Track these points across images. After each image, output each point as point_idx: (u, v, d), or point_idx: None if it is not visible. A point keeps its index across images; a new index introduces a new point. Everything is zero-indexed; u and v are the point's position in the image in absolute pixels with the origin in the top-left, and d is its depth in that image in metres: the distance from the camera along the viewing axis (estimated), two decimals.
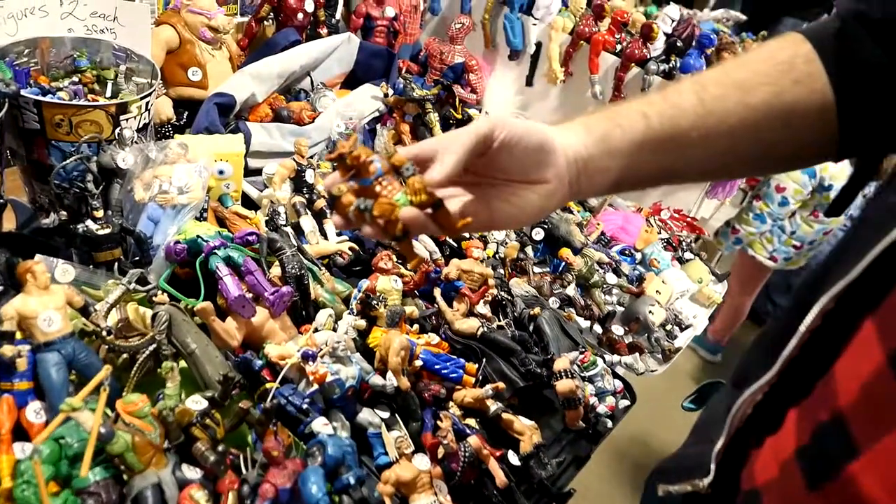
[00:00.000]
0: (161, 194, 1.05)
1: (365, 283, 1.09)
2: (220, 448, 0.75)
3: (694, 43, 1.74)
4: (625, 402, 1.19)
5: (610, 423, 1.15)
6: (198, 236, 1.01)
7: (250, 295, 0.97)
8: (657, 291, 1.45)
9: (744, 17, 3.29)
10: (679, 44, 1.74)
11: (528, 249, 1.42)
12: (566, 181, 0.67)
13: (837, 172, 2.24)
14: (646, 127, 0.69)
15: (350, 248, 1.17)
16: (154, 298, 0.92)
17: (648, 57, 1.75)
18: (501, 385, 1.01)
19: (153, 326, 0.88)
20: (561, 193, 0.69)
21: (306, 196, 1.23)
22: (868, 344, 0.47)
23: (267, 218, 1.18)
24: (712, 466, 0.64)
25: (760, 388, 0.58)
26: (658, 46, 1.78)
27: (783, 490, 0.51)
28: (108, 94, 1.21)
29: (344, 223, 0.58)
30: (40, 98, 1.02)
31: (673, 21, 1.83)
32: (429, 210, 0.57)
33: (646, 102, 0.71)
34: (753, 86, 0.69)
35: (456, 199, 0.64)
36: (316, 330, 0.99)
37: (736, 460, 0.62)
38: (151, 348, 0.87)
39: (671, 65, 1.74)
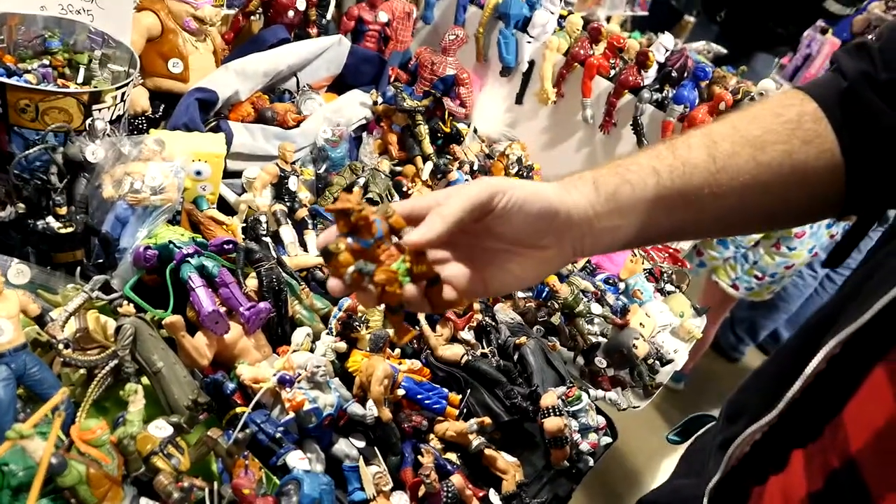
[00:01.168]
0: (132, 193, 0.97)
1: (346, 303, 1.03)
2: (186, 484, 0.67)
3: (687, 74, 1.72)
4: (607, 440, 1.15)
5: (591, 462, 1.10)
6: (170, 241, 0.93)
7: (224, 309, 0.90)
8: (640, 324, 1.42)
9: (724, 51, 3.34)
10: (674, 74, 1.72)
11: None
12: (568, 245, 0.65)
13: None
14: (657, 184, 0.67)
15: None
16: (119, 309, 0.84)
17: (642, 85, 1.73)
18: (488, 420, 0.96)
19: (116, 340, 0.80)
20: (561, 258, 0.66)
21: (288, 204, 1.16)
22: (880, 390, 0.47)
23: (245, 226, 1.10)
24: (705, 500, 0.66)
25: (760, 428, 0.60)
26: (651, 75, 1.77)
27: None
28: (80, 80, 1.12)
29: (339, 287, 0.52)
30: (4, 80, 0.93)
31: (667, 50, 1.82)
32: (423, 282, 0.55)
33: (655, 157, 0.69)
34: (765, 143, 0.68)
35: (448, 268, 0.59)
36: (293, 350, 0.92)
37: (732, 496, 0.63)
38: (112, 364, 0.79)
39: (664, 94, 1.72)
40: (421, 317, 1.10)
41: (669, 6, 4.51)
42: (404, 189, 1.34)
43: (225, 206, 1.20)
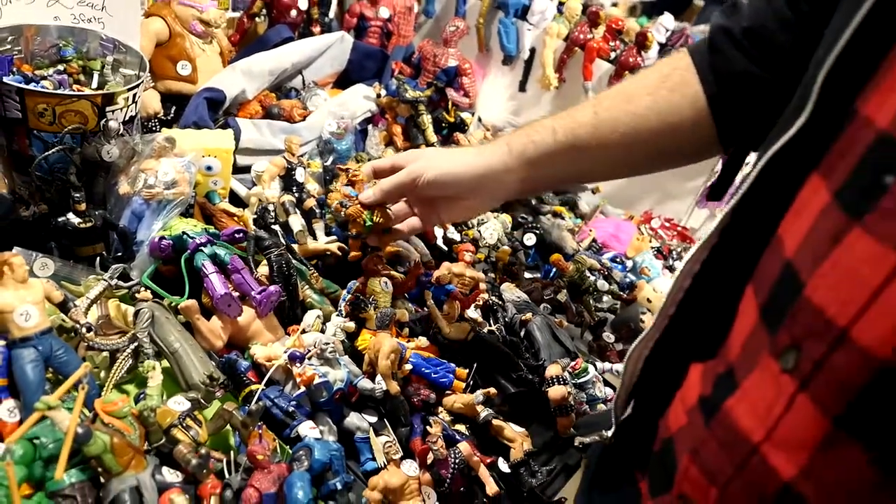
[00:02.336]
0: (146, 189, 1.02)
1: (354, 285, 1.07)
2: (203, 451, 0.72)
3: None
4: None
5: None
6: (183, 233, 0.98)
7: (237, 294, 0.94)
8: (648, 300, 1.44)
9: None
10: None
11: (520, 254, 1.40)
12: (487, 195, 0.95)
13: None
14: (554, 141, 0.88)
15: (339, 248, 1.15)
16: (136, 295, 0.89)
17: (642, 65, 1.74)
18: (493, 390, 0.99)
19: (135, 324, 0.85)
20: (485, 204, 1.02)
21: (296, 195, 1.20)
22: (747, 304, 0.53)
23: (256, 216, 1.15)
24: (613, 420, 0.73)
25: (645, 344, 0.66)
26: (652, 56, 1.78)
27: (690, 433, 0.57)
28: (94, 84, 1.18)
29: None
30: (23, 86, 0.99)
31: (668, 31, 1.84)
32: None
33: (556, 118, 0.89)
34: (636, 95, 0.84)
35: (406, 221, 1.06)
36: (304, 331, 0.96)
37: (648, 413, 0.68)
38: (133, 346, 0.84)
39: None
40: (428, 297, 1.13)
41: None
42: None
43: (237, 201, 1.24)
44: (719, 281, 0.57)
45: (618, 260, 1.55)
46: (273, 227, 1.13)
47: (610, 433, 0.73)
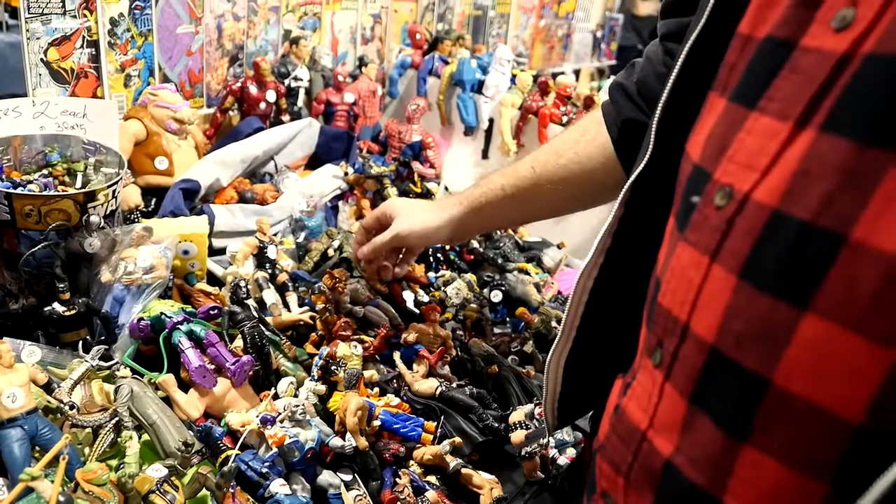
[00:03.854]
0: (126, 275, 1.11)
1: (325, 350, 1.14)
2: None
3: None
4: None
5: None
6: (161, 313, 1.05)
7: (212, 366, 1.01)
8: None
9: None
10: None
11: (486, 311, 1.47)
12: (449, 236, 1.17)
13: None
14: (503, 196, 1.06)
15: (311, 318, 1.22)
16: (117, 373, 0.96)
17: None
18: (459, 440, 1.04)
19: (115, 400, 0.91)
20: (444, 241, 1.27)
21: (269, 271, 1.28)
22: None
23: (230, 293, 1.23)
24: (546, 428, 0.85)
25: (559, 354, 0.75)
26: None
27: (604, 435, 0.64)
28: (78, 184, 1.28)
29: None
30: (11, 191, 1.08)
31: None
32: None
33: (503, 174, 1.07)
34: (563, 149, 1.00)
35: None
36: (276, 396, 1.03)
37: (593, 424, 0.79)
38: (114, 421, 0.90)
39: None
40: (396, 357, 1.20)
41: (637, 51, 4.70)
42: None
43: (216, 281, 1.33)
44: (616, 296, 0.68)
45: None
46: (247, 301, 1.21)
47: (544, 440, 0.86)
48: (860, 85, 0.40)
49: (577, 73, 4.04)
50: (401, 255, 1.32)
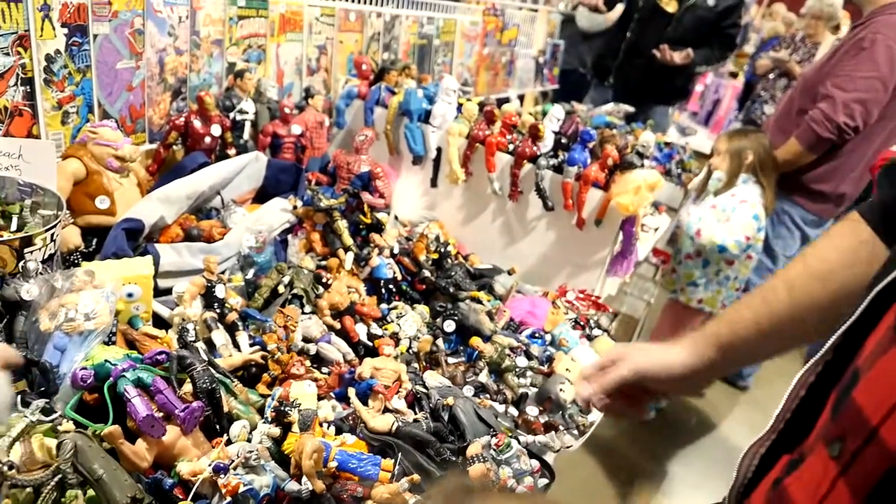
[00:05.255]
0: (67, 322, 1.07)
1: (278, 392, 1.12)
2: None
3: (577, 138, 1.92)
4: (544, 481, 1.23)
5: None
6: (105, 360, 1.02)
7: (160, 414, 0.98)
8: (567, 369, 1.52)
9: (632, 109, 3.63)
10: (564, 140, 1.91)
11: (440, 342, 1.48)
12: (694, 382, 1.00)
13: None
14: (757, 332, 0.94)
15: (262, 357, 1.20)
16: (59, 427, 0.92)
17: (539, 153, 1.91)
18: (416, 477, 1.04)
19: (58, 455, 0.88)
20: (692, 388, 1.03)
21: (217, 311, 1.26)
22: (829, 402, 0.61)
23: (177, 336, 1.20)
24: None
25: (761, 441, 0.73)
26: (549, 143, 1.95)
27: None
28: (14, 227, 1.23)
29: None
30: None
31: (559, 120, 2.02)
32: None
33: (752, 306, 0.96)
34: (830, 273, 0.90)
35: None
36: (229, 442, 1.00)
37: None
38: (57, 479, 0.86)
39: (560, 159, 1.90)
40: (351, 394, 1.19)
41: (579, 74, 4.84)
42: (324, 280, 1.45)
43: (162, 323, 1.29)
44: (824, 387, 0.66)
45: (536, 335, 1.64)
46: (194, 344, 1.18)
47: None
48: None
49: (521, 97, 4.14)
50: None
